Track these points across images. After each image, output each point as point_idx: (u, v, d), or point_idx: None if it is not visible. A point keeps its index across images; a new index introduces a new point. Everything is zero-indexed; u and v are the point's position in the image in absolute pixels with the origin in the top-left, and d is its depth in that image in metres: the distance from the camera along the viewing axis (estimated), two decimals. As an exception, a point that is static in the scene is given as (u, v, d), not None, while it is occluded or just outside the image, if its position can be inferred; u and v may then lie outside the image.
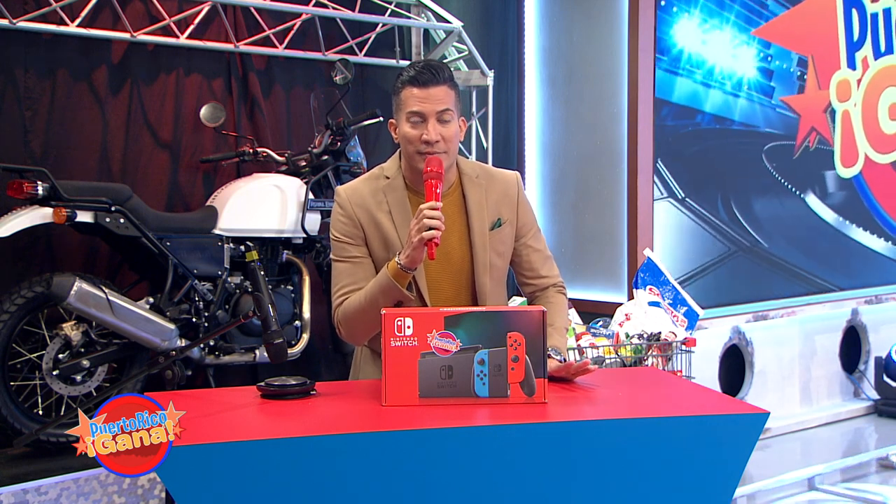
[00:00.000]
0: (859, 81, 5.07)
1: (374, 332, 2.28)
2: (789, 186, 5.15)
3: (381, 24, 4.50)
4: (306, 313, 3.90)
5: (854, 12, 4.96)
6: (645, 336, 3.17)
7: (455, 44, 4.68)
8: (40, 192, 3.25)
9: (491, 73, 4.75)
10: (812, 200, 5.32)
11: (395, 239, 2.32)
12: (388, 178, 2.38)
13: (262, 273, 3.74)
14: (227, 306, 3.71)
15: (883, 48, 5.17)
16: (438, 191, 2.20)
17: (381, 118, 3.97)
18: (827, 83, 4.98)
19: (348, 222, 2.35)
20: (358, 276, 2.32)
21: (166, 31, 3.94)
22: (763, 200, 5.04)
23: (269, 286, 3.78)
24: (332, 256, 2.39)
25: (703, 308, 3.66)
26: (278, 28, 4.24)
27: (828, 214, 5.41)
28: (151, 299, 3.52)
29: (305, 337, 3.87)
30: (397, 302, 2.22)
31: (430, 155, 2.25)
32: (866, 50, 5.05)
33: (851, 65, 5.03)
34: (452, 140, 2.29)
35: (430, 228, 2.13)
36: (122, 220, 3.41)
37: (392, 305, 2.20)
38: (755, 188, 5.05)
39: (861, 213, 5.61)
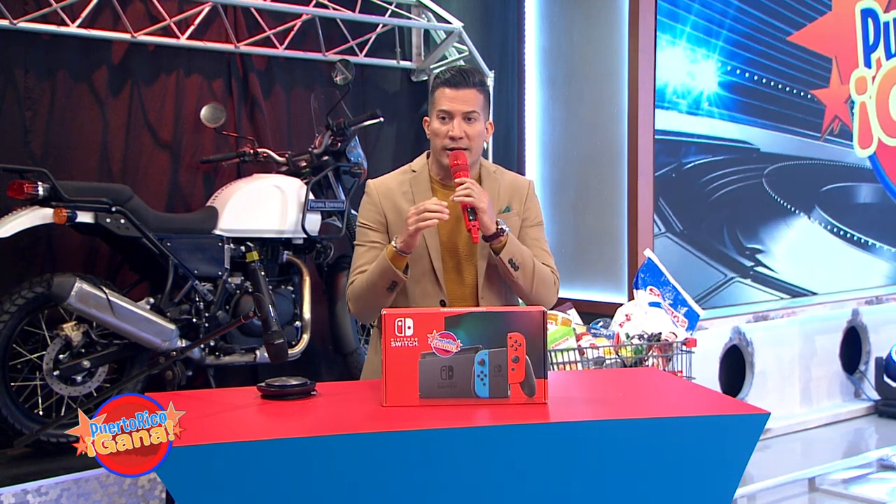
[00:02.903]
0: (874, 78, 5.83)
1: (375, 310, 2.45)
2: (791, 207, 5.35)
3: (381, 25, 4.50)
4: (307, 314, 3.89)
5: (870, 20, 5.78)
6: (645, 336, 3.16)
7: (455, 44, 4.69)
8: (41, 192, 3.25)
9: (491, 74, 4.75)
10: (816, 216, 5.49)
11: None
12: (414, 171, 2.60)
13: (263, 273, 3.74)
14: (227, 307, 3.71)
15: (893, 50, 5.98)
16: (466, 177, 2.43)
17: (382, 119, 3.97)
18: (848, 79, 5.70)
19: (373, 209, 2.56)
20: (373, 258, 2.49)
21: (167, 32, 3.94)
22: (767, 224, 5.24)
23: (270, 287, 3.78)
24: (355, 242, 2.59)
25: (703, 309, 3.66)
26: (279, 28, 4.24)
27: (831, 227, 5.59)
28: (152, 300, 3.52)
29: (306, 337, 3.87)
30: (392, 283, 2.40)
31: (454, 150, 2.48)
32: (880, 52, 5.84)
33: (868, 64, 5.80)
34: (476, 138, 2.51)
35: (430, 220, 2.35)
36: (122, 221, 3.41)
37: (388, 286, 2.40)
38: (758, 213, 5.17)
39: (867, 216, 5.77)
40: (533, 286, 2.49)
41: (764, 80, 5.14)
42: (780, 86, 5.22)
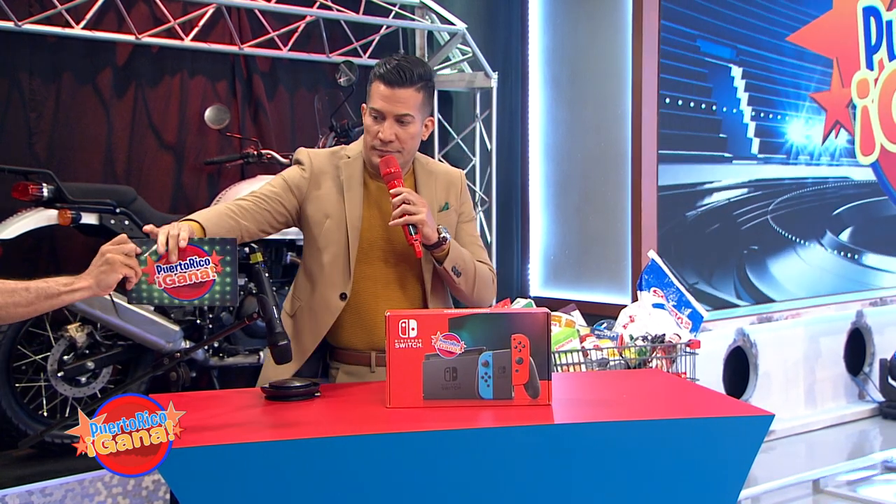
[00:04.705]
0: (876, 80, 5.65)
1: None
2: (798, 240, 5.36)
3: (385, 27, 4.51)
4: (310, 315, 3.89)
5: (872, 20, 5.59)
6: (649, 338, 3.16)
7: (459, 45, 4.69)
8: (45, 193, 3.26)
9: (495, 75, 4.75)
10: (826, 242, 5.52)
11: (340, 210, 2.41)
12: (349, 157, 2.47)
13: (267, 275, 3.72)
14: (231, 308, 3.71)
15: (897, 51, 5.87)
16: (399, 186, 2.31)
17: (385, 120, 3.97)
18: (849, 82, 5.53)
19: (302, 175, 2.44)
20: (252, 203, 2.43)
21: (171, 34, 3.95)
22: (779, 260, 5.25)
23: (274, 288, 3.77)
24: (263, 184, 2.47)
25: (706, 310, 3.66)
26: (282, 30, 4.24)
27: (840, 249, 5.62)
28: (156, 301, 3.52)
29: (309, 339, 3.87)
30: None
31: (382, 153, 2.35)
32: (882, 53, 5.63)
33: (870, 66, 5.61)
34: (408, 141, 2.38)
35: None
36: (126, 222, 3.41)
37: None
38: (769, 252, 5.19)
39: (874, 234, 5.79)
40: (474, 290, 2.41)
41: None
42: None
